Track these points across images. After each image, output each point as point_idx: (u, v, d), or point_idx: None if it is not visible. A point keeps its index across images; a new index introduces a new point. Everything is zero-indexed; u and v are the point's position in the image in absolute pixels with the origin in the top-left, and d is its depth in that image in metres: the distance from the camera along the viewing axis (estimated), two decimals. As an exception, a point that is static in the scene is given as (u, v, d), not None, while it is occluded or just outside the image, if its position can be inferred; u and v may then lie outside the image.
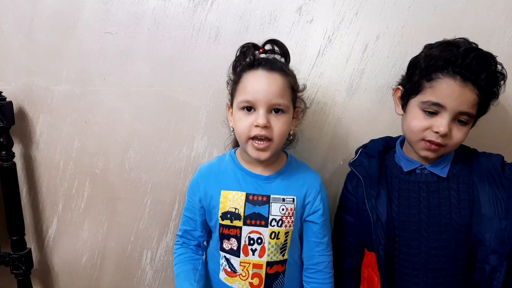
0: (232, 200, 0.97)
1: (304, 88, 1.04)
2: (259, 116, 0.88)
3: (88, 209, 1.32)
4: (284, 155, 1.05)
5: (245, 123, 0.90)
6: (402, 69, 1.10)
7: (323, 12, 1.09)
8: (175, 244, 1.09)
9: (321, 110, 1.16)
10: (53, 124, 1.24)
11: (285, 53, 0.98)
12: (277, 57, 0.98)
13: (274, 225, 0.96)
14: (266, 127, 0.89)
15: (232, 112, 0.98)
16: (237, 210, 0.96)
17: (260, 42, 0.98)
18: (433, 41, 1.07)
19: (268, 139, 0.90)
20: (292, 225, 0.98)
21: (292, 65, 1.09)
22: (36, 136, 1.26)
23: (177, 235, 1.09)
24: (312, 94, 1.15)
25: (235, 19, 1.12)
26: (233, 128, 0.98)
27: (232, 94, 0.97)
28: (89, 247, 1.36)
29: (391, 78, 1.11)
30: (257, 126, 0.89)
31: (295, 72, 1.03)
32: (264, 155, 0.92)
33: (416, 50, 1.08)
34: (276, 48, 0.97)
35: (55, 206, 1.32)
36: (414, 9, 1.07)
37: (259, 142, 0.90)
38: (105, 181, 1.28)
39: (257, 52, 0.95)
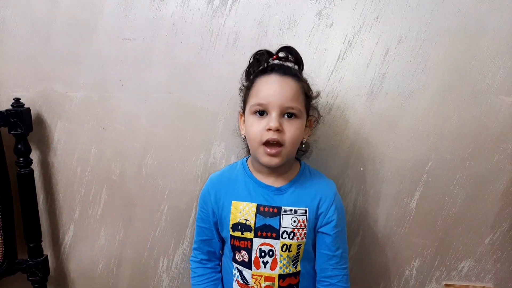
0: (243, 211, 0.95)
1: (318, 94, 1.02)
2: (272, 119, 0.86)
3: (104, 215, 1.31)
4: (297, 164, 1.02)
5: (257, 128, 0.88)
6: (424, 74, 1.09)
7: (343, 16, 1.08)
8: (192, 259, 1.08)
9: (341, 115, 1.14)
10: (70, 130, 1.24)
11: (298, 60, 0.97)
12: (290, 64, 0.97)
13: (285, 238, 0.93)
14: (278, 130, 0.86)
15: (244, 119, 0.96)
16: (247, 221, 0.94)
17: (278, 47, 0.97)
18: (456, 45, 1.06)
19: (279, 144, 0.88)
20: (304, 237, 0.95)
21: (312, 70, 1.10)
22: (53, 143, 1.25)
23: (193, 248, 1.08)
24: (332, 99, 1.13)
25: (254, 24, 1.11)
26: (244, 136, 0.96)
27: (245, 100, 0.96)
28: (106, 254, 1.35)
29: (413, 83, 1.09)
30: (269, 129, 0.86)
31: (314, 76, 1.03)
32: (275, 161, 0.89)
33: (439, 54, 1.07)
34: (289, 56, 0.96)
35: (72, 213, 1.32)
36: (437, 12, 1.05)
37: (271, 147, 0.88)
38: (122, 188, 1.27)
39: (270, 59, 0.95)
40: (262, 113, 0.89)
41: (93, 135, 1.23)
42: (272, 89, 0.88)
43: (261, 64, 0.94)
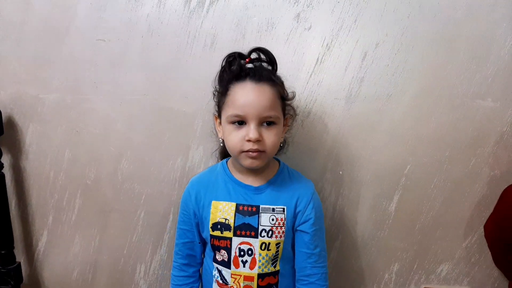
0: (223, 210, 0.96)
1: (294, 96, 1.01)
2: (251, 131, 0.86)
3: (79, 221, 1.27)
4: (276, 164, 1.02)
5: (236, 138, 0.89)
6: (402, 78, 1.09)
7: (322, 19, 1.07)
8: (174, 262, 1.06)
9: (319, 119, 1.13)
10: (43, 134, 1.20)
11: (272, 61, 0.96)
12: (264, 65, 0.96)
13: (264, 236, 0.94)
14: (258, 140, 0.87)
15: (220, 122, 0.96)
16: (227, 220, 0.95)
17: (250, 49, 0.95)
18: (433, 49, 1.06)
19: (260, 151, 0.89)
20: (283, 236, 0.95)
21: (290, 73, 1.09)
22: (25, 146, 1.21)
23: (174, 252, 1.06)
24: (311, 102, 1.12)
25: (232, 26, 1.09)
26: (222, 139, 0.96)
27: (219, 105, 0.95)
28: (81, 261, 1.31)
29: (391, 87, 1.09)
30: (249, 140, 0.87)
31: (292, 79, 1.01)
32: (256, 163, 0.90)
33: (416, 58, 1.07)
34: (262, 56, 0.95)
35: (45, 219, 1.28)
36: (414, 17, 1.05)
37: (252, 152, 0.89)
38: (97, 193, 1.24)
39: (243, 61, 0.94)
40: (240, 122, 0.89)
41: (66, 139, 1.20)
42: (249, 99, 0.87)
43: (233, 68, 0.93)
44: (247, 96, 0.87)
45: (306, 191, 0.98)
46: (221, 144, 0.98)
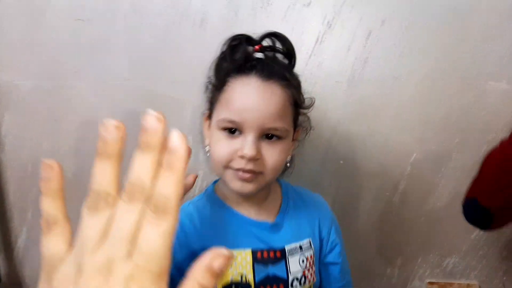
0: (235, 264, 0.70)
1: (312, 103, 0.81)
2: (247, 144, 0.64)
3: (62, 216, 1.19)
4: (276, 185, 0.82)
5: (225, 149, 0.66)
6: (410, 58, 1.00)
7: (322, -6, 0.98)
8: None
9: (320, 104, 1.03)
10: (19, 123, 1.10)
11: (289, 52, 0.74)
12: (279, 56, 0.75)
13: (296, 286, 0.73)
14: (256, 159, 0.65)
15: (209, 124, 0.74)
16: (243, 277, 0.70)
17: (251, 30, 0.75)
18: (444, 27, 0.98)
19: (255, 172, 0.67)
20: (314, 277, 0.77)
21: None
22: (0, 137, 1.12)
23: None
24: (310, 86, 1.04)
25: (223, 2, 0.99)
26: (208, 149, 0.74)
27: (212, 103, 0.74)
28: (64, 258, 1.23)
29: (398, 68, 1.01)
30: (242, 157, 0.65)
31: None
32: (249, 188, 0.67)
33: (425, 37, 0.99)
34: (278, 44, 0.73)
35: (24, 214, 1.19)
36: (424, -9, 0.96)
37: (244, 173, 0.66)
38: (79, 186, 1.13)
39: (251, 48, 0.71)
40: (233, 131, 0.67)
41: (44, 129, 1.10)
42: (250, 101, 0.65)
43: (237, 55, 0.70)
44: (249, 96, 0.65)
45: (324, 211, 0.83)
46: (207, 154, 0.74)
